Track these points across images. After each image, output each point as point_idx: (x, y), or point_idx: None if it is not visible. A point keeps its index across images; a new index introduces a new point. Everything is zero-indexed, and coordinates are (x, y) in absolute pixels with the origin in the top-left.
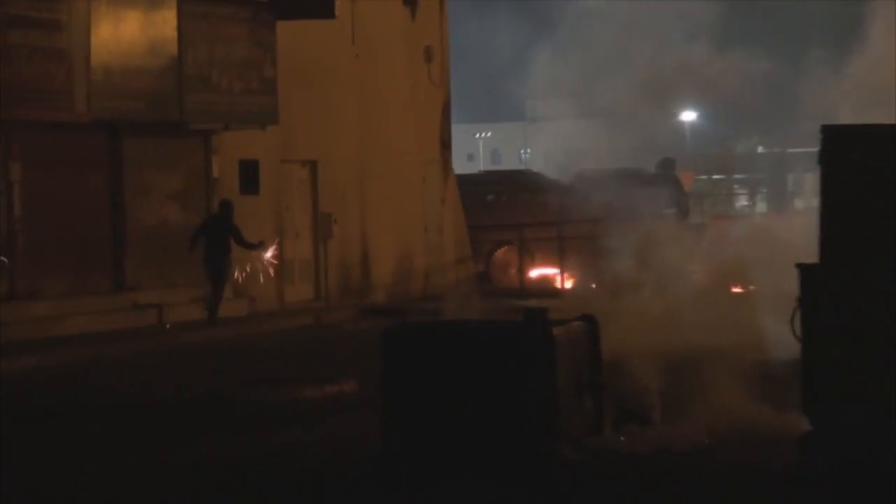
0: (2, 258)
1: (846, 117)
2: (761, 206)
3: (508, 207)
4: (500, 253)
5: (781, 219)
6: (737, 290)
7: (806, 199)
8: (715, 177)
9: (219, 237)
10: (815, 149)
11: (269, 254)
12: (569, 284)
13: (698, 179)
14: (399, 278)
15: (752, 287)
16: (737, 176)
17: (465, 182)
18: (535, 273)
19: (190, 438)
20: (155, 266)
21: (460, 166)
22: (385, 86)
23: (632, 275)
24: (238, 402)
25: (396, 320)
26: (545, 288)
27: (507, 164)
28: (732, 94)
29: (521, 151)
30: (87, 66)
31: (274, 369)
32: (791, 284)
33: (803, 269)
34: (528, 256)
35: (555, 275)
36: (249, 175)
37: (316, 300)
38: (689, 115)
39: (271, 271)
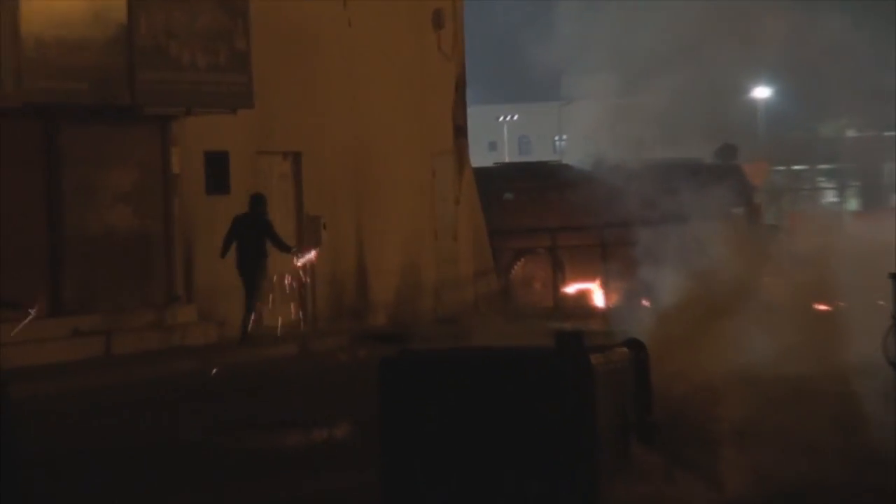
0: None
1: None
2: (852, 203)
3: (533, 208)
4: (520, 265)
5: (876, 218)
6: (822, 307)
7: None
8: (795, 167)
9: (251, 239)
10: None
11: (306, 258)
12: (611, 302)
13: (774, 171)
14: (403, 296)
15: (840, 304)
16: (822, 166)
17: (483, 176)
18: (569, 289)
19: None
20: (101, 284)
21: (480, 157)
22: (385, 59)
23: (689, 289)
24: (204, 450)
25: (399, 348)
26: (581, 306)
27: (539, 153)
28: (817, 63)
29: (556, 138)
30: (14, 37)
31: (250, 410)
32: (887, 299)
33: None
34: (558, 268)
35: (593, 290)
36: (218, 171)
37: (301, 323)
38: (762, 92)
39: (295, 285)
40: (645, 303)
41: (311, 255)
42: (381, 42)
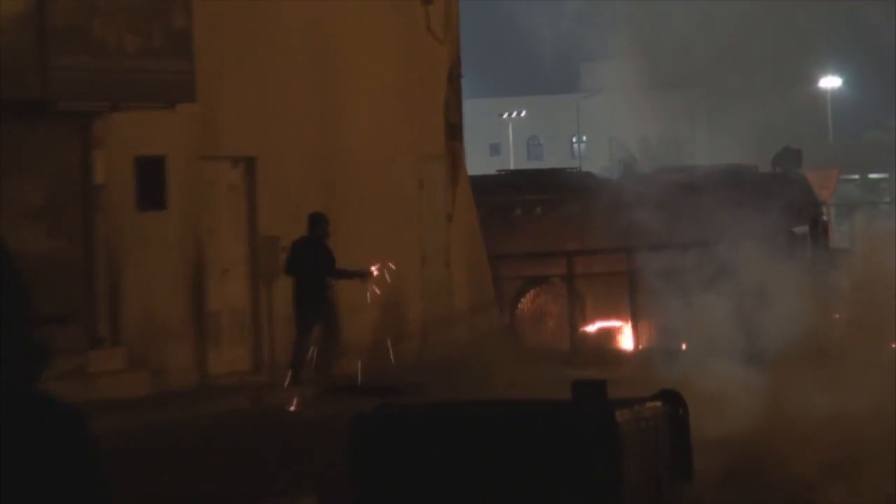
0: None
1: None
2: None
3: (545, 227)
4: (529, 297)
5: None
6: None
7: None
8: (873, 176)
9: (310, 270)
10: None
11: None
12: (642, 344)
13: (845, 180)
14: (383, 336)
15: None
16: None
17: (483, 187)
18: (590, 327)
19: None
20: None
21: (479, 163)
22: (361, 42)
23: (739, 329)
24: None
25: (376, 402)
26: (606, 350)
27: (553, 158)
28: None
29: (573, 139)
30: None
31: (191, 479)
32: None
33: None
34: (576, 302)
35: (620, 329)
36: (151, 180)
37: (255, 372)
38: (830, 81)
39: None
40: (684, 346)
41: (379, 270)
42: (356, 20)
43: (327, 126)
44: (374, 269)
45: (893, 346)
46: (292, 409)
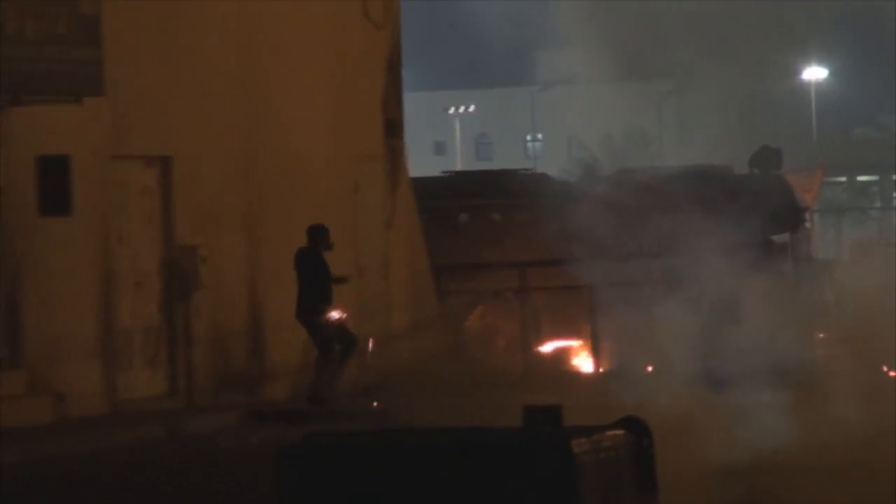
0: None
1: None
2: None
3: (496, 235)
4: (477, 314)
5: None
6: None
7: None
8: (862, 178)
9: (303, 282)
10: None
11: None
12: (603, 366)
13: (831, 183)
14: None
15: None
16: None
17: (427, 191)
18: (545, 347)
19: None
20: None
21: (422, 164)
22: (287, 28)
23: (711, 349)
24: None
25: (305, 430)
26: (562, 372)
27: (504, 158)
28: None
29: (527, 137)
30: None
31: None
32: None
33: None
34: (530, 319)
35: (578, 349)
36: (55, 182)
37: (170, 397)
38: (815, 73)
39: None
40: (649, 368)
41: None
42: (284, 5)
43: (252, 122)
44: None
45: (885, 369)
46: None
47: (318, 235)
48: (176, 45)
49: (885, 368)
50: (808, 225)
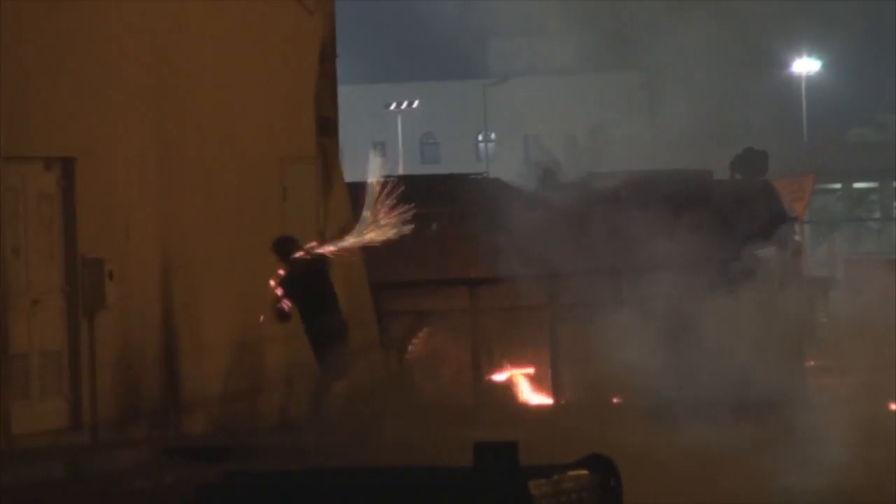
0: None
1: None
2: None
3: (443, 248)
4: (422, 336)
5: None
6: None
7: None
8: (858, 185)
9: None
10: None
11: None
12: (564, 397)
13: (824, 190)
14: (237, 388)
15: None
16: None
17: (362, 199)
18: (498, 375)
19: None
20: None
21: (359, 167)
22: (207, 13)
23: (685, 378)
24: None
25: (225, 469)
26: (518, 403)
27: (452, 160)
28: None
29: (478, 138)
30: None
31: None
32: None
33: None
34: (482, 343)
35: (536, 377)
36: None
37: (73, 431)
38: (806, 65)
39: None
40: (616, 399)
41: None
42: None
43: (167, 118)
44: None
45: (893, 406)
46: None
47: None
48: (82, 33)
49: (890, 405)
50: (797, 238)
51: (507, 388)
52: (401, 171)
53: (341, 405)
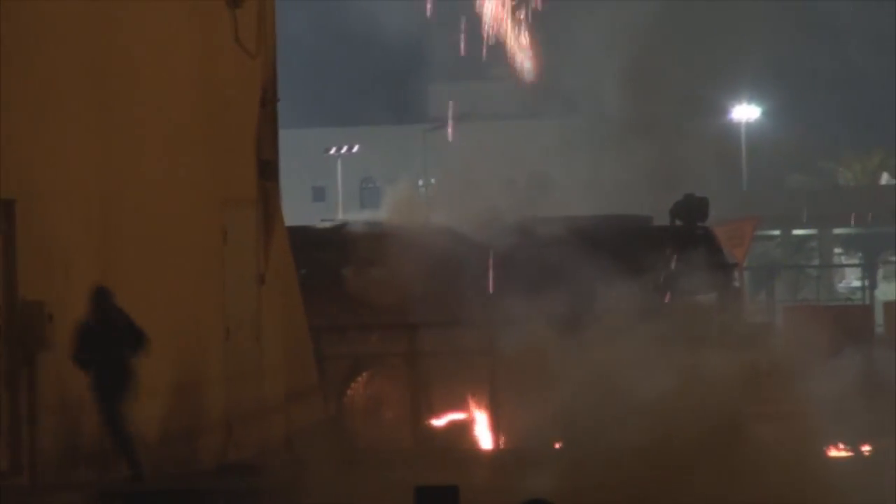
0: None
1: None
2: (886, 288)
3: (383, 293)
4: (361, 381)
5: None
6: (838, 452)
7: None
8: (798, 232)
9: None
10: None
11: None
12: (505, 442)
13: (764, 237)
14: (176, 430)
15: (866, 448)
16: (840, 230)
17: (304, 242)
18: (438, 420)
19: None
20: None
21: (299, 210)
22: (148, 54)
23: (625, 424)
24: None
25: None
26: (458, 449)
27: (393, 204)
28: (830, 71)
29: (419, 182)
30: None
31: None
32: None
33: None
34: (421, 387)
35: (476, 423)
36: None
37: (13, 474)
38: (746, 112)
39: None
40: (557, 445)
41: None
42: (144, 28)
43: (109, 161)
44: None
45: (830, 450)
46: None
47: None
48: (18, 73)
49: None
50: (737, 284)
51: (447, 433)
52: (340, 215)
53: (281, 448)
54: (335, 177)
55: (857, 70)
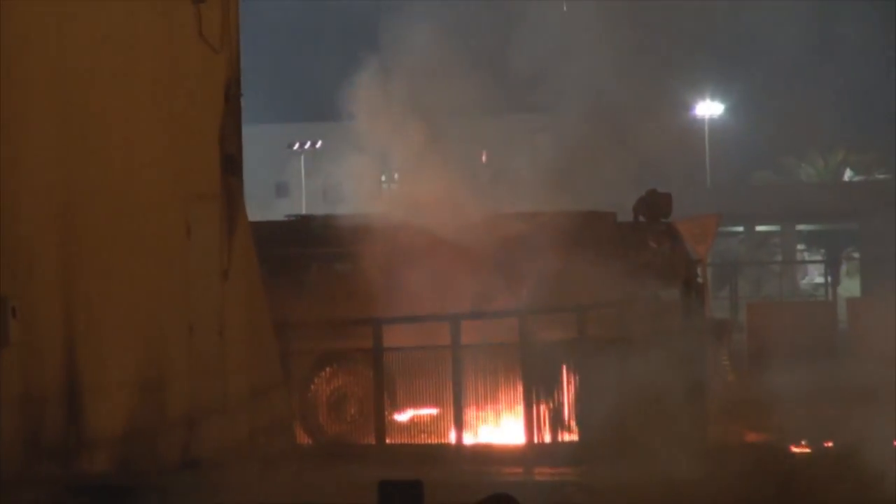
0: None
1: None
2: (849, 284)
3: (347, 288)
4: (324, 377)
5: (886, 308)
6: (800, 448)
7: None
8: (761, 228)
9: None
10: None
11: None
12: (470, 436)
13: (727, 233)
14: (139, 427)
15: (828, 444)
16: (803, 226)
17: (268, 238)
18: (402, 415)
19: None
20: None
21: (262, 206)
22: (109, 49)
23: (584, 418)
24: None
25: None
26: (422, 443)
27: (356, 201)
28: (794, 66)
29: (381, 178)
30: None
31: None
32: None
33: None
34: (385, 383)
35: (440, 418)
36: None
37: None
38: (709, 108)
39: None
40: (524, 439)
41: None
42: (105, 23)
43: (71, 155)
44: None
45: (792, 448)
46: None
47: None
48: None
49: (790, 447)
50: (700, 280)
51: (412, 428)
52: (304, 210)
53: (244, 444)
54: (300, 172)
55: (821, 67)
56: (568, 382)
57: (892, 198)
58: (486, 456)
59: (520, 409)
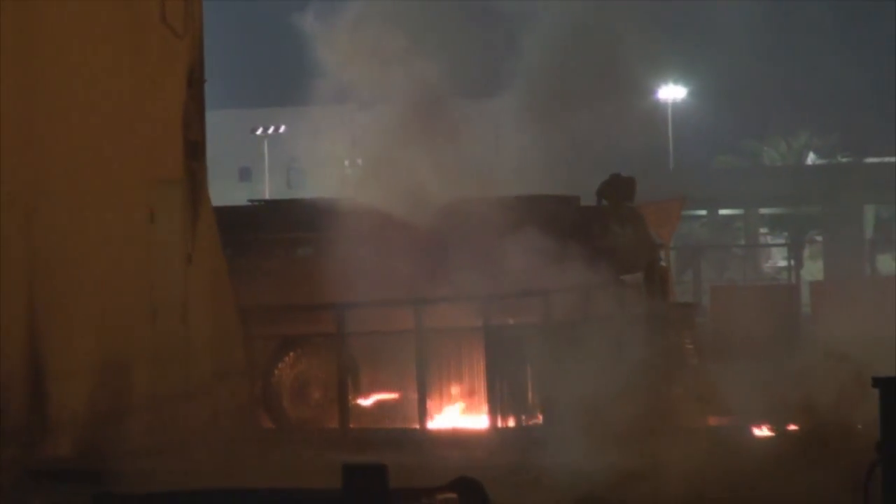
0: None
1: None
2: (812, 267)
3: (310, 273)
4: (288, 362)
5: (849, 291)
6: (763, 431)
7: None
8: (724, 212)
9: None
10: None
11: None
12: (433, 420)
13: (690, 217)
14: (101, 411)
15: (791, 426)
16: (766, 210)
17: (231, 222)
18: (366, 400)
19: None
20: None
21: (226, 191)
22: (70, 33)
23: (551, 402)
24: None
25: (92, 491)
26: (386, 427)
27: (320, 186)
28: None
29: (345, 163)
30: None
31: None
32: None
33: (886, 385)
34: (349, 367)
35: (403, 402)
36: None
37: None
38: (672, 92)
39: None
40: (499, 422)
41: None
42: (66, 6)
43: (31, 141)
44: None
45: (757, 429)
46: None
47: None
48: None
49: (757, 427)
50: (663, 263)
51: (376, 413)
52: (267, 195)
53: (208, 428)
54: (263, 157)
55: (784, 49)
56: (532, 366)
57: (854, 181)
58: (450, 440)
59: (483, 393)
